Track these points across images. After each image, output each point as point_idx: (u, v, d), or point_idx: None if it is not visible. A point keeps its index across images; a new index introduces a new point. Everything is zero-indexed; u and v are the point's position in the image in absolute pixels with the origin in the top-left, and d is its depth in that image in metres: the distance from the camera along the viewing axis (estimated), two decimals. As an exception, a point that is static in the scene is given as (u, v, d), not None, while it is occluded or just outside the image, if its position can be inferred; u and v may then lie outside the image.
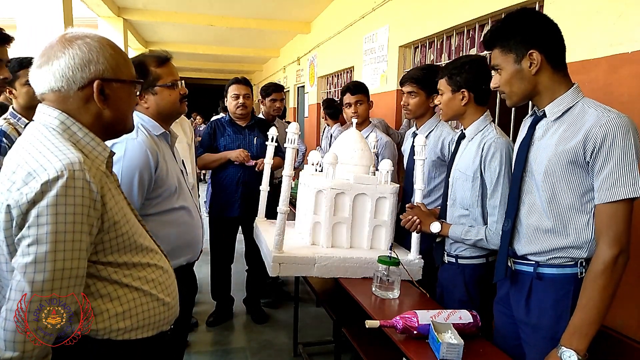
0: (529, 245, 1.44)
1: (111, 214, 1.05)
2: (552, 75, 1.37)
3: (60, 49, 1.05)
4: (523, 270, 1.46)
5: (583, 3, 2.07)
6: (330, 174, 2.12)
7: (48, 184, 0.93)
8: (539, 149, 1.41)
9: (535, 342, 1.42)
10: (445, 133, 2.31)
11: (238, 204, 3.17)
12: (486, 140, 1.73)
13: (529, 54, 1.35)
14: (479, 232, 1.73)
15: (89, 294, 1.05)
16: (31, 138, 1.04)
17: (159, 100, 1.72)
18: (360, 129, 2.81)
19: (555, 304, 1.38)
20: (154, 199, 1.65)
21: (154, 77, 1.70)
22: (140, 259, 1.15)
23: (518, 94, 1.42)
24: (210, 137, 3.23)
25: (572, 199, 1.34)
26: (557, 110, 1.37)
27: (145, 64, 1.69)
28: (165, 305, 1.20)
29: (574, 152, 1.30)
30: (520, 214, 1.47)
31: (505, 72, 1.42)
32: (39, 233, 0.93)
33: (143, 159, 1.60)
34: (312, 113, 7.23)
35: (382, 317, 1.55)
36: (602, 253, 1.25)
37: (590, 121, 1.28)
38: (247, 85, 3.21)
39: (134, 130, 1.61)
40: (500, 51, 1.42)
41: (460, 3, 3.10)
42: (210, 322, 3.33)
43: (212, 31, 7.96)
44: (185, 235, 1.77)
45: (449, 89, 1.82)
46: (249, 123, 3.25)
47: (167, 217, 1.70)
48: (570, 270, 1.36)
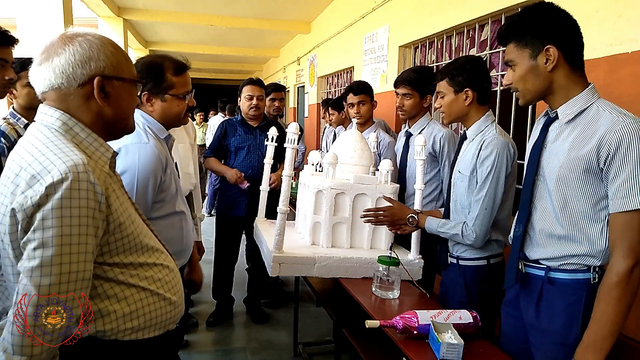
0: (541, 251, 1.39)
1: (116, 215, 1.04)
2: (569, 74, 1.31)
3: (60, 45, 1.04)
4: (534, 274, 1.42)
5: (583, 3, 2.07)
6: (330, 174, 2.13)
7: (53, 186, 0.93)
8: (551, 153, 1.36)
9: (544, 347, 1.39)
10: (436, 130, 2.35)
11: (245, 203, 3.18)
12: (485, 139, 1.72)
13: (546, 50, 1.29)
14: (456, 227, 1.73)
15: (96, 295, 1.05)
16: (33, 139, 1.03)
17: (166, 108, 1.68)
18: (363, 129, 2.82)
19: (566, 309, 1.33)
20: (158, 202, 1.65)
21: (168, 85, 1.66)
22: (146, 258, 1.15)
23: (532, 92, 1.36)
24: (220, 138, 3.25)
25: (585, 206, 1.29)
26: (571, 112, 1.31)
27: (163, 69, 1.65)
28: (172, 304, 1.20)
29: (587, 159, 1.25)
30: (533, 218, 1.42)
31: (519, 68, 1.35)
32: (45, 236, 0.92)
33: (157, 163, 1.59)
34: (312, 113, 7.24)
35: (382, 317, 1.55)
36: (617, 264, 1.20)
37: (604, 126, 1.22)
38: (261, 86, 3.26)
39: (144, 134, 1.61)
40: (515, 46, 1.35)
41: (460, 3, 3.10)
42: (211, 322, 3.33)
43: (212, 31, 7.97)
44: (182, 240, 1.77)
45: (450, 90, 1.79)
46: (261, 124, 3.27)
47: (169, 220, 1.70)
48: (582, 276, 1.32)
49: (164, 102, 1.67)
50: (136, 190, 1.55)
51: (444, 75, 1.81)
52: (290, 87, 9.00)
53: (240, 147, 3.21)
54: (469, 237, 1.70)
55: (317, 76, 6.97)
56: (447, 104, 1.81)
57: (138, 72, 1.65)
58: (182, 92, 1.69)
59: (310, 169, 2.46)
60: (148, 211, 1.60)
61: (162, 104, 1.67)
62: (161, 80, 1.65)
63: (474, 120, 1.79)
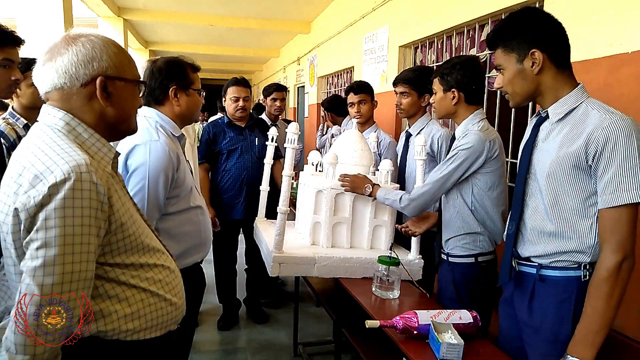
0: (532, 248, 1.42)
1: (118, 215, 1.05)
2: (556, 75, 1.34)
3: (63, 46, 1.05)
4: (526, 272, 1.45)
5: (583, 3, 2.07)
6: (330, 174, 2.13)
7: (55, 186, 0.93)
8: (542, 151, 1.39)
9: (537, 344, 1.40)
10: (435, 130, 2.38)
11: (243, 205, 3.12)
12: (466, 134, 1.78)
13: (531, 54, 1.33)
14: (398, 194, 1.86)
15: (98, 296, 1.06)
16: (36, 139, 1.03)
17: (191, 102, 1.80)
18: (363, 128, 2.82)
19: (557, 307, 1.35)
20: (173, 197, 1.69)
21: (190, 80, 1.78)
22: (147, 259, 1.16)
23: (521, 94, 1.40)
24: (209, 142, 3.13)
25: (575, 202, 1.31)
26: (560, 112, 1.34)
27: (184, 66, 1.77)
28: (172, 306, 1.20)
29: (576, 156, 1.27)
30: (525, 216, 1.45)
31: (507, 72, 1.40)
32: (47, 236, 0.92)
33: (167, 160, 1.63)
34: (312, 113, 7.23)
35: (382, 317, 1.55)
36: (606, 259, 1.22)
37: (592, 124, 1.25)
38: (246, 86, 3.18)
39: (155, 132, 1.66)
40: (502, 51, 1.40)
41: (460, 3, 3.10)
42: (221, 326, 3.31)
43: (212, 31, 7.97)
44: (201, 233, 1.81)
45: (440, 88, 1.87)
46: (248, 123, 3.21)
47: (185, 215, 1.74)
48: (573, 273, 1.34)
49: (189, 96, 1.79)
50: (148, 187, 1.58)
51: (436, 74, 1.91)
52: (290, 87, 9.00)
53: (232, 150, 3.11)
54: (403, 203, 1.86)
55: (317, 76, 6.96)
56: (437, 101, 1.91)
57: (163, 71, 1.73)
58: (199, 88, 1.82)
59: (310, 169, 2.46)
60: (161, 207, 1.64)
61: (187, 98, 1.78)
62: (185, 76, 1.76)
63: (462, 119, 1.86)
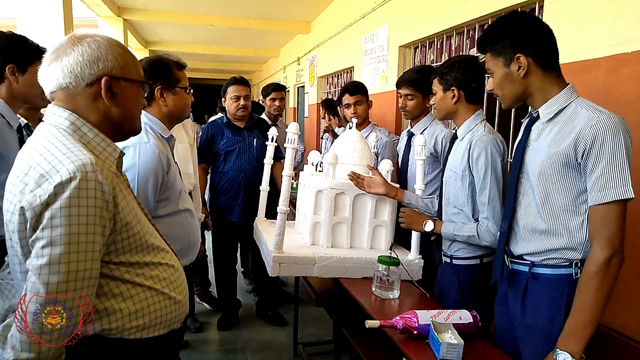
0: (525, 246, 1.44)
1: (123, 214, 1.05)
2: (543, 78, 1.38)
3: (69, 46, 1.06)
4: (519, 270, 1.47)
5: (583, 3, 2.07)
6: (330, 174, 2.13)
7: (61, 185, 0.94)
8: (533, 151, 1.42)
9: (530, 342, 1.42)
10: (438, 130, 2.36)
11: (241, 208, 3.10)
12: (473, 138, 1.75)
13: (516, 58, 1.37)
14: (471, 229, 1.74)
15: (102, 294, 1.06)
16: (42, 139, 1.04)
17: (178, 101, 1.79)
18: (359, 129, 2.81)
19: (549, 304, 1.38)
20: (162, 200, 1.68)
21: (176, 79, 1.78)
22: (152, 258, 1.16)
23: (510, 97, 1.45)
24: (208, 142, 3.11)
25: (565, 200, 1.34)
26: (550, 112, 1.38)
27: (168, 64, 1.77)
28: (177, 304, 1.21)
29: (566, 154, 1.30)
30: (517, 215, 1.48)
31: (496, 76, 1.45)
32: (53, 235, 0.93)
33: (157, 162, 1.63)
34: (312, 113, 7.23)
35: (382, 317, 1.55)
36: (595, 255, 1.25)
37: (581, 123, 1.28)
38: (246, 85, 3.16)
39: (144, 134, 1.65)
40: (490, 55, 1.45)
41: (460, 3, 3.10)
42: (221, 327, 3.31)
43: (212, 31, 7.96)
44: (189, 237, 1.80)
45: (440, 87, 1.87)
46: (248, 124, 3.17)
47: (174, 218, 1.73)
48: (564, 271, 1.36)
49: (176, 95, 1.78)
50: (137, 188, 1.58)
51: (436, 74, 1.90)
52: (290, 87, 8.99)
53: (230, 151, 3.09)
54: (485, 239, 1.69)
55: (317, 76, 6.96)
56: (437, 101, 1.90)
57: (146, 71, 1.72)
58: (186, 85, 1.80)
59: (310, 169, 2.46)
60: (151, 209, 1.63)
61: (174, 97, 1.78)
62: (170, 75, 1.75)
63: (464, 118, 1.85)
